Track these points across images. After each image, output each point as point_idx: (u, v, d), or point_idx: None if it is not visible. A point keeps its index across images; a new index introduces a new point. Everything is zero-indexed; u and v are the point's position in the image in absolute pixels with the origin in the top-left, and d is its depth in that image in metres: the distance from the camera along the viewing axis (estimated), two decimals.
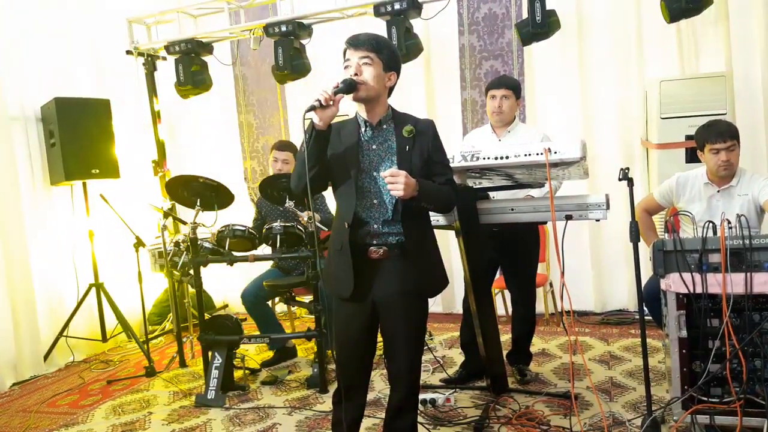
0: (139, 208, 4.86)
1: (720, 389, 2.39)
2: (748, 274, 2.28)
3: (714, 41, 4.22)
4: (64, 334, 4.36)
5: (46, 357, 4.30)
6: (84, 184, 4.48)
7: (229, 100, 5.64)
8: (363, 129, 2.17)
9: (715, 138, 2.81)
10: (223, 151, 5.63)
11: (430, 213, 2.33)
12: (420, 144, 2.14)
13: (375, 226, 2.13)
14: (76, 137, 4.32)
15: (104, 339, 4.60)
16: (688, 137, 3.97)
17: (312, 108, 1.99)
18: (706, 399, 2.39)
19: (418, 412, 2.71)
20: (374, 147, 2.15)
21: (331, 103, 2.00)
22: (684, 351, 2.43)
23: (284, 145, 3.97)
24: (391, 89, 2.18)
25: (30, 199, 4.32)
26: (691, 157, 3.94)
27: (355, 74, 2.06)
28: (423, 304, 2.24)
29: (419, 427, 2.39)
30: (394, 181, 1.99)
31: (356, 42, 2.09)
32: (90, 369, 4.24)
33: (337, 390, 2.31)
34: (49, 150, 4.45)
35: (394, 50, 2.19)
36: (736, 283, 2.30)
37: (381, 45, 2.11)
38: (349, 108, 2.29)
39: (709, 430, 2.41)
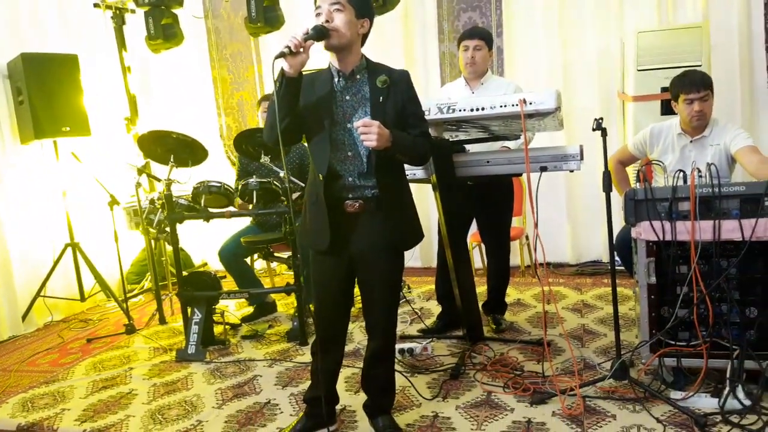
0: (111, 165, 4.78)
1: (687, 333, 2.47)
2: (717, 221, 2.33)
3: None
4: (42, 294, 4.33)
5: (24, 317, 4.28)
6: (54, 143, 4.38)
7: (201, 54, 5.51)
8: (336, 79, 2.13)
9: (688, 88, 2.82)
10: (198, 107, 5.52)
11: (406, 166, 2.32)
12: (394, 95, 2.11)
13: (350, 179, 2.13)
14: (45, 94, 4.20)
15: (82, 299, 4.58)
16: (664, 89, 3.97)
17: (282, 55, 1.95)
18: (673, 343, 2.47)
19: (396, 360, 2.77)
20: (347, 98, 2.12)
21: (302, 49, 1.96)
22: (653, 297, 2.49)
23: (270, 96, 3.91)
24: (364, 37, 2.14)
25: (0, 158, 4.23)
26: (667, 109, 3.97)
27: (326, 21, 2.01)
28: (399, 256, 2.25)
29: (397, 375, 2.44)
30: (367, 131, 1.97)
31: None
32: (69, 328, 4.24)
33: (314, 342, 2.34)
34: (17, 107, 4.32)
35: None
36: (704, 230, 2.35)
37: None
38: (323, 61, 2.25)
39: (675, 372, 2.50)
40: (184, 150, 3.39)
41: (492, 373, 2.81)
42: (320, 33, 1.99)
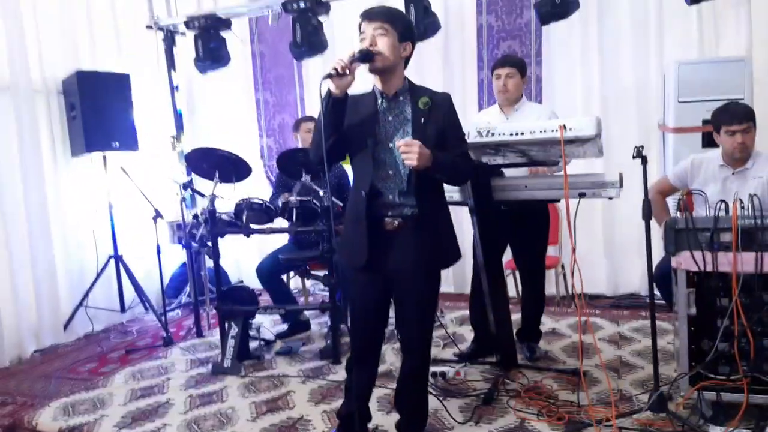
0: (156, 181, 4.94)
1: (728, 367, 2.42)
2: (759, 253, 2.30)
3: (734, 24, 4.17)
4: (84, 304, 4.46)
5: (66, 326, 4.41)
6: (104, 157, 4.56)
7: (246, 77, 5.67)
8: (379, 100, 2.20)
9: (731, 120, 2.81)
10: (240, 128, 5.67)
11: (445, 189, 2.37)
12: (435, 116, 2.17)
13: (390, 197, 2.18)
14: (97, 110, 4.39)
15: (123, 310, 4.71)
16: (705, 122, 3.94)
17: (329, 76, 2.02)
18: (713, 376, 2.42)
19: (429, 383, 2.78)
20: (390, 118, 2.19)
21: (348, 71, 2.03)
22: (692, 328, 2.46)
23: (312, 117, 4.02)
24: (407, 60, 2.21)
25: (51, 171, 4.40)
26: (708, 141, 3.92)
27: (371, 45, 2.09)
28: (436, 276, 2.28)
29: (430, 397, 2.45)
30: (408, 150, 2.02)
31: (370, 14, 2.12)
32: (109, 338, 4.35)
33: (349, 358, 2.37)
34: (70, 122, 4.53)
35: (408, 21, 2.22)
36: (746, 262, 2.32)
37: (395, 16, 2.14)
38: (367, 85, 2.32)
39: (715, 407, 2.44)
40: (228, 166, 3.50)
41: (526, 400, 2.79)
42: (365, 56, 2.06)
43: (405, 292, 2.24)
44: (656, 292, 2.91)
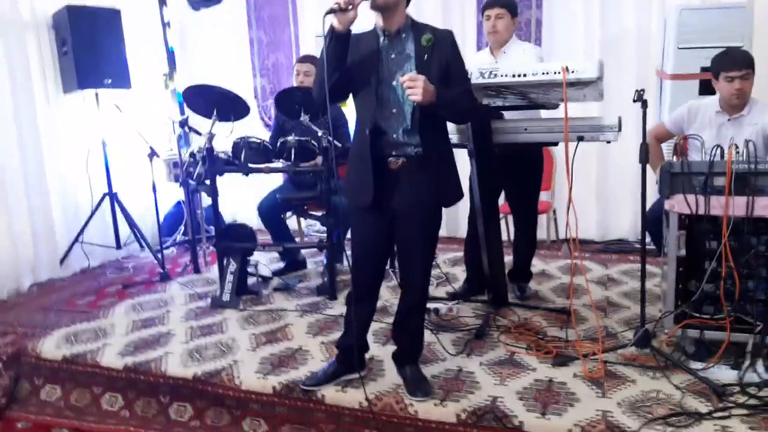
0: (149, 118, 4.89)
1: (712, 308, 2.51)
2: (751, 197, 2.36)
3: None
4: (80, 240, 4.49)
5: (62, 261, 4.45)
6: (96, 94, 4.50)
7: (239, 15, 5.55)
8: (381, 38, 2.19)
9: (730, 66, 2.82)
10: (233, 67, 5.58)
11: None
12: (438, 53, 2.16)
13: (394, 135, 2.19)
14: (88, 46, 4.30)
15: (118, 246, 4.75)
16: (704, 69, 3.94)
17: (331, 11, 2.01)
18: (697, 315, 2.52)
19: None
20: (393, 56, 2.18)
21: (350, 7, 2.01)
22: (681, 269, 2.54)
23: (305, 57, 3.97)
24: None
25: (44, 107, 4.35)
26: (705, 89, 3.93)
27: None
28: (438, 213, 2.34)
29: (425, 331, 2.54)
30: (413, 85, 2.03)
31: None
32: (105, 274, 4.40)
33: (349, 293, 2.44)
34: (61, 58, 4.44)
35: None
36: (738, 206, 2.38)
37: None
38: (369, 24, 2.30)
39: (697, 344, 2.55)
40: (226, 105, 3.48)
41: (515, 336, 2.89)
42: None
43: (408, 230, 2.28)
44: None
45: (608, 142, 2.70)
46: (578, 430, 2.11)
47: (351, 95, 2.29)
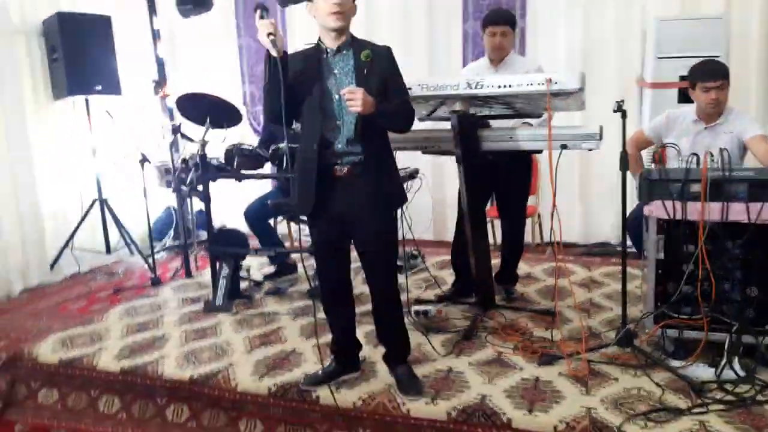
0: (140, 124, 4.93)
1: (690, 308, 2.62)
2: (725, 203, 2.48)
3: None
4: (70, 245, 4.51)
5: (52, 266, 4.48)
6: (86, 100, 4.53)
7: (228, 22, 5.61)
8: (324, 55, 2.31)
9: (706, 77, 2.95)
10: (223, 74, 5.64)
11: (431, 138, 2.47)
12: (377, 68, 2.30)
13: (339, 145, 2.31)
14: (79, 53, 4.35)
15: (108, 251, 4.78)
16: (683, 77, 4.08)
17: (272, 43, 2.11)
18: (676, 316, 2.63)
19: (411, 320, 3.01)
20: (336, 71, 2.30)
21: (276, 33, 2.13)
22: (660, 272, 2.65)
23: None
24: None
25: (33, 113, 4.38)
26: (684, 97, 4.08)
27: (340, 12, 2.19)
28: (389, 215, 2.45)
29: (414, 332, 2.63)
30: (353, 98, 2.15)
31: None
32: (95, 279, 4.43)
33: (323, 301, 2.54)
34: (51, 65, 4.47)
35: None
36: (713, 211, 2.50)
37: None
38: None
39: (676, 343, 2.67)
40: (219, 112, 3.54)
41: (503, 336, 2.99)
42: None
43: (363, 234, 2.38)
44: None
45: (590, 150, 2.80)
46: (564, 426, 2.20)
47: None
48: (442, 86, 2.78)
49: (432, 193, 4.53)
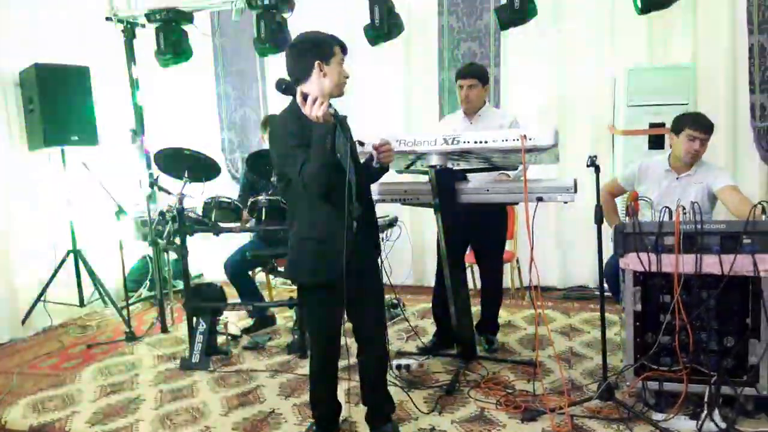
0: (116, 175, 4.88)
1: (669, 359, 2.64)
2: (699, 255, 2.52)
3: (682, 32, 4.41)
4: (42, 298, 4.41)
5: (24, 321, 4.36)
6: (62, 151, 4.50)
7: (207, 70, 5.66)
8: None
9: (697, 125, 3.01)
10: (201, 121, 5.66)
11: (408, 192, 2.73)
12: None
13: (356, 203, 2.30)
14: (56, 104, 4.34)
15: (81, 304, 4.68)
16: (652, 125, 4.21)
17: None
18: (656, 367, 2.64)
19: (394, 375, 2.99)
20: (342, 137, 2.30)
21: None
22: (638, 323, 2.67)
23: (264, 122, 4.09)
24: None
25: (7, 164, 4.33)
26: (654, 143, 4.20)
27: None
28: (377, 263, 2.46)
29: (396, 389, 2.60)
30: (389, 149, 2.31)
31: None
32: (68, 333, 4.32)
33: (313, 372, 2.49)
34: (27, 115, 4.44)
35: None
36: (687, 263, 2.53)
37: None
38: None
39: (657, 395, 2.67)
40: (198, 166, 3.54)
41: (485, 391, 2.96)
42: None
43: (362, 291, 2.31)
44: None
45: (565, 202, 2.84)
46: None
47: None
48: (419, 142, 2.80)
49: (411, 239, 4.55)
